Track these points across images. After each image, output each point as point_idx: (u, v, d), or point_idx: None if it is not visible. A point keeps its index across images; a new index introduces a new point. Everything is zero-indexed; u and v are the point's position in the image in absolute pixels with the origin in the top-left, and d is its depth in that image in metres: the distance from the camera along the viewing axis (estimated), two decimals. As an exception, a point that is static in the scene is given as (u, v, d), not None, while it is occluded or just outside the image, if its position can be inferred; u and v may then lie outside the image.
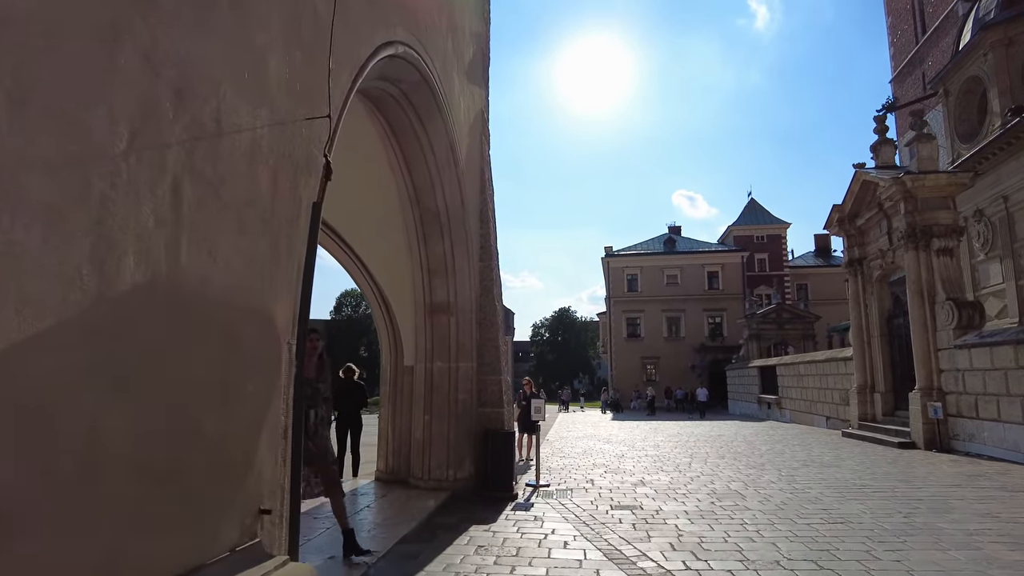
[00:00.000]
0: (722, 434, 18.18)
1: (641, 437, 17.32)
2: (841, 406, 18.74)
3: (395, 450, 8.00)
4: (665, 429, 20.69)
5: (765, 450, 13.36)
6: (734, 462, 11.28)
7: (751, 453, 12.77)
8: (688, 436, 17.40)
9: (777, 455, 12.35)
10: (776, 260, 55.31)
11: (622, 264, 51.86)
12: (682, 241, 55.24)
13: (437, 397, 7.50)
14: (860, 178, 15.94)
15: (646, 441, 15.99)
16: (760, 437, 16.85)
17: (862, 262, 16.87)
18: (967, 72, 20.77)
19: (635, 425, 23.32)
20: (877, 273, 16.20)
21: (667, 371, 47.89)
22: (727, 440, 16.00)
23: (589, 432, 19.94)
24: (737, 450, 13.42)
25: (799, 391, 23.16)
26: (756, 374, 30.14)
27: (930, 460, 11.19)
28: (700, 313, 49.99)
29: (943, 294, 12.88)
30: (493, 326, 7.98)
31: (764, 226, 56.07)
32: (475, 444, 7.66)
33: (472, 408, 7.70)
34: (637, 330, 50.61)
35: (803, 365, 22.59)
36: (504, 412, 7.90)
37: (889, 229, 15.23)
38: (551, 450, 13.88)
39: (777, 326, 37.85)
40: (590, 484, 8.84)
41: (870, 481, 8.86)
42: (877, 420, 15.92)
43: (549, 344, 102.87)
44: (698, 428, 21.02)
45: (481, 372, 7.87)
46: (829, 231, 17.89)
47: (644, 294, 50.85)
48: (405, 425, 7.87)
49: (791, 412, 24.13)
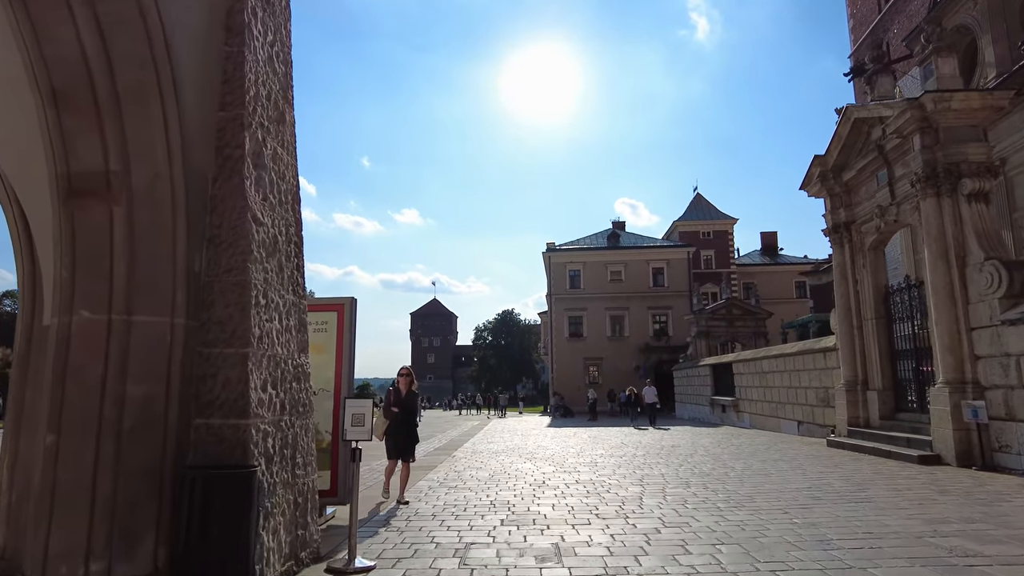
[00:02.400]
0: (676, 444, 14.41)
1: (576, 451, 13.32)
2: (819, 408, 15.33)
3: (11, 507, 3.63)
4: (606, 438, 16.80)
5: (741, 469, 9.56)
6: (706, 494, 7.37)
7: (725, 476, 8.92)
8: (634, 448, 13.54)
9: (763, 478, 8.55)
10: (723, 257, 53.14)
11: (564, 259, 48.28)
12: (626, 236, 52.26)
13: (75, 390, 3.20)
14: (851, 116, 12.52)
15: (581, 457, 11.98)
16: (724, 448, 13.15)
17: (850, 227, 13.46)
18: (953, 20, 18.04)
19: (571, 433, 19.38)
20: (872, 239, 12.80)
21: (611, 372, 44.49)
22: (684, 453, 12.19)
23: (515, 444, 15.81)
24: (703, 470, 9.57)
25: (761, 391, 19.79)
26: (708, 373, 26.85)
27: (999, 487, 7.61)
28: (645, 311, 46.92)
29: (979, 252, 9.46)
30: (241, 242, 3.74)
31: (710, 221, 53.87)
32: (171, 498, 3.38)
33: (167, 418, 3.41)
34: (580, 329, 47.07)
35: (768, 360, 19.22)
36: (251, 428, 3.62)
37: (891, 179, 11.82)
38: (446, 475, 9.65)
39: (727, 323, 35.02)
40: (460, 559, 4.69)
41: (956, 538, 5.05)
42: (872, 425, 12.47)
43: (492, 347, 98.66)
44: (645, 437, 17.22)
45: (204, 339, 3.61)
46: (807, 191, 14.46)
47: (587, 291, 47.40)
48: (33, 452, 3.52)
49: (751, 416, 20.76)
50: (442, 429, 24.89)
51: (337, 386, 6.00)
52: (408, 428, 7.23)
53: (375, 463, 9.93)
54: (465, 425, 28.27)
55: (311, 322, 6.17)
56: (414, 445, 7.35)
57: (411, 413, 7.35)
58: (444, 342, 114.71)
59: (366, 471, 9.14)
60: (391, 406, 7.12)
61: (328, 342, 6.10)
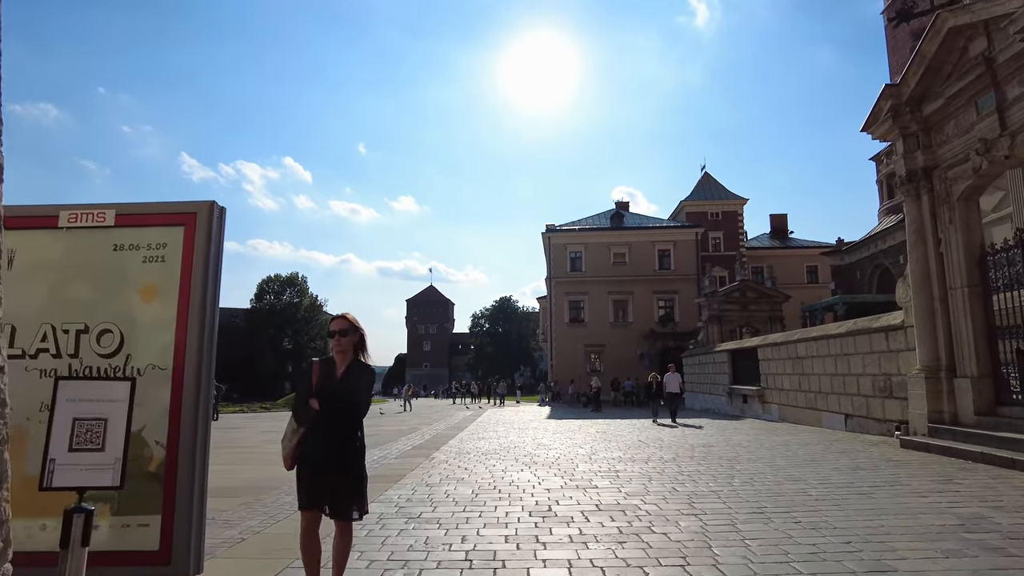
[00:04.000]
0: (707, 443, 11.77)
1: (586, 453, 10.66)
2: (875, 399, 12.69)
3: None
4: (619, 435, 14.15)
5: (816, 483, 6.89)
6: (803, 533, 4.69)
7: (804, 497, 6.25)
8: (657, 449, 10.88)
9: (862, 502, 5.88)
10: (732, 239, 50.39)
11: (565, 241, 45.52)
12: (630, 217, 49.51)
13: None
14: (941, 27, 9.74)
15: (594, 463, 9.32)
16: (769, 450, 10.50)
17: (931, 173, 10.73)
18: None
19: (576, 427, 16.73)
20: (964, 185, 10.07)
21: (613, 360, 41.94)
22: (723, 457, 9.53)
23: (510, 441, 13.15)
24: (767, 485, 6.90)
25: (794, 379, 17.14)
26: (726, 360, 24.22)
27: None
28: (650, 296, 44.27)
29: None
30: None
31: (719, 201, 51.09)
32: None
33: None
34: (580, 314, 44.42)
35: (805, 344, 16.53)
36: None
37: (1000, 104, 9.08)
38: (413, 491, 6.98)
39: (741, 306, 32.37)
40: None
41: None
42: (962, 422, 9.83)
43: (489, 336, 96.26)
44: (665, 433, 14.58)
45: None
46: (872, 132, 11.70)
47: (589, 274, 44.72)
48: None
49: (780, 408, 18.14)
50: (429, 420, 22.24)
51: (179, 362, 3.29)
52: (342, 444, 3.26)
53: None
54: (456, 415, 25.65)
55: (129, 246, 3.48)
56: (360, 483, 3.30)
57: (352, 411, 3.31)
58: (440, 330, 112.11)
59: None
60: (305, 397, 3.29)
61: (165, 282, 3.38)
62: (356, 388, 3.32)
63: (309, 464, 3.27)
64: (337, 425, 3.27)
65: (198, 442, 3.26)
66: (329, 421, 3.25)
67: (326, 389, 3.28)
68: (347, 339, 3.41)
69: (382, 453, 11.17)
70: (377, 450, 11.74)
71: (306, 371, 3.41)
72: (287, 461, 3.36)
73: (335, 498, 3.24)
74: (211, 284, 3.43)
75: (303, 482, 3.28)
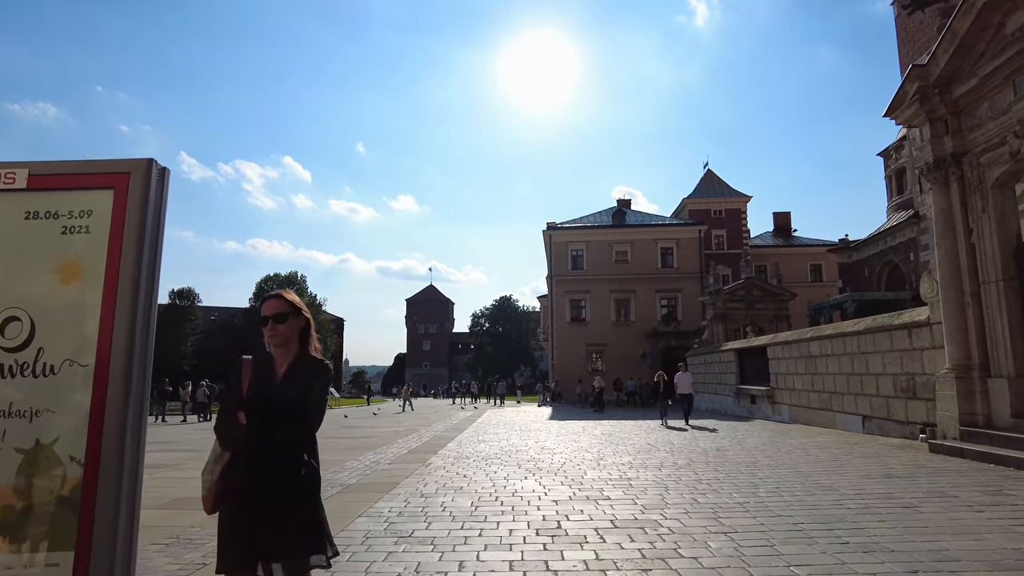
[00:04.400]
0: (720, 447, 11.11)
1: (593, 457, 10.00)
2: (897, 400, 12.03)
3: None
4: (625, 437, 13.49)
5: (851, 494, 6.24)
6: (857, 561, 4.04)
7: (842, 511, 5.59)
8: (669, 453, 10.22)
9: (907, 516, 5.22)
10: (735, 238, 49.75)
11: (566, 239, 44.83)
12: (632, 214, 48.78)
13: None
14: (976, 1, 9.08)
15: (603, 469, 8.66)
16: (788, 454, 9.84)
17: (960, 159, 10.06)
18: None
19: (580, 429, 16.07)
20: (999, 172, 9.42)
21: (615, 360, 41.23)
22: (740, 462, 8.86)
23: (512, 445, 12.49)
24: (796, 495, 6.24)
25: (807, 379, 16.49)
26: (733, 359, 23.57)
27: None
28: (652, 294, 43.57)
29: None
30: None
31: (722, 199, 50.46)
32: None
33: None
34: (582, 313, 43.75)
35: (818, 342, 15.87)
36: None
37: (1042, 81, 8.43)
38: (406, 502, 6.32)
39: (747, 305, 31.76)
40: None
41: None
42: (998, 424, 9.18)
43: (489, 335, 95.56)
44: (674, 436, 13.92)
45: None
46: (896, 117, 11.03)
47: (590, 273, 44.02)
48: None
49: (791, 408, 17.49)
50: (428, 421, 21.58)
51: (104, 358, 2.62)
52: (287, 472, 2.28)
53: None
54: (456, 416, 24.99)
55: (45, 213, 2.82)
56: (317, 519, 2.32)
57: (299, 426, 2.33)
58: (440, 329, 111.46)
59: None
60: (231, 408, 2.35)
61: (90, 258, 2.71)
62: (304, 394, 2.32)
63: (237, 503, 2.26)
64: (279, 446, 2.29)
65: (127, 458, 2.57)
66: (266, 441, 2.27)
67: (261, 396, 2.32)
68: (286, 326, 2.43)
69: (376, 458, 10.51)
70: (371, 454, 11.08)
71: (234, 373, 2.41)
72: (207, 502, 2.37)
73: (282, 548, 2.24)
74: (148, 261, 2.75)
75: (228, 532, 2.26)
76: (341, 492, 7.06)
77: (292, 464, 2.29)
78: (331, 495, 6.80)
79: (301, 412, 2.31)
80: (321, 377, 2.42)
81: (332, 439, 14.64)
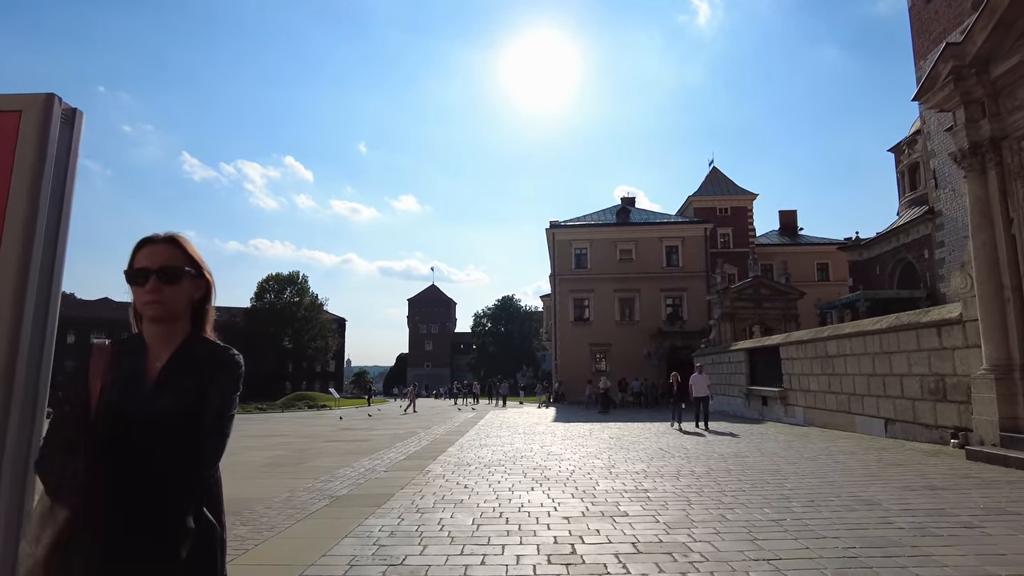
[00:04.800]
0: (738, 453, 10.43)
1: (604, 464, 9.32)
2: (924, 402, 11.33)
3: None
4: (635, 441, 12.81)
5: (896, 510, 5.56)
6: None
7: (897, 532, 4.91)
8: (684, 460, 9.54)
9: (975, 544, 4.56)
10: (741, 236, 49.02)
11: (569, 237, 44.12)
12: (636, 212, 48.03)
13: None
14: (1020, -27, 8.38)
15: (616, 478, 7.98)
16: (812, 461, 9.15)
17: (999, 144, 9.37)
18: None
19: (587, 432, 15.39)
20: (1043, 156, 8.72)
21: (619, 360, 40.53)
22: (763, 470, 8.18)
23: (516, 449, 11.82)
24: (835, 512, 5.56)
25: (823, 380, 15.78)
26: (743, 359, 22.87)
27: None
28: (657, 293, 42.83)
29: None
30: None
31: (728, 197, 49.74)
32: None
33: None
34: (585, 312, 43.04)
35: (835, 341, 15.17)
36: None
37: (1094, 56, 7.73)
38: (399, 519, 5.65)
39: (755, 304, 31.08)
40: None
41: None
42: (1042, 430, 8.48)
43: (492, 335, 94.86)
44: (687, 441, 13.24)
45: None
46: (927, 100, 10.35)
47: (594, 271, 43.31)
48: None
49: (806, 410, 16.79)
50: (429, 423, 20.91)
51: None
52: (165, 534, 1.30)
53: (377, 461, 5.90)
54: (458, 418, 24.32)
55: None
56: None
57: (184, 459, 1.35)
58: (442, 329, 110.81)
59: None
60: (67, 430, 1.35)
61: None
62: (191, 405, 1.39)
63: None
64: (147, 496, 1.31)
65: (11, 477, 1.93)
66: (127, 487, 1.31)
67: (120, 409, 1.38)
68: (176, 289, 1.49)
69: (371, 464, 9.85)
70: (367, 460, 10.42)
71: (77, 368, 1.44)
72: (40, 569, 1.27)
73: None
74: (46, 225, 2.09)
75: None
76: (329, 505, 6.39)
77: (170, 528, 1.31)
78: (317, 509, 6.14)
79: (187, 436, 1.37)
80: (225, 376, 1.46)
81: (328, 443, 14.00)
